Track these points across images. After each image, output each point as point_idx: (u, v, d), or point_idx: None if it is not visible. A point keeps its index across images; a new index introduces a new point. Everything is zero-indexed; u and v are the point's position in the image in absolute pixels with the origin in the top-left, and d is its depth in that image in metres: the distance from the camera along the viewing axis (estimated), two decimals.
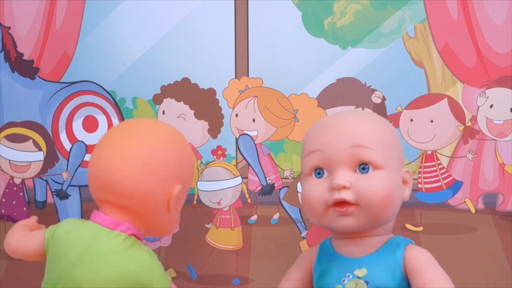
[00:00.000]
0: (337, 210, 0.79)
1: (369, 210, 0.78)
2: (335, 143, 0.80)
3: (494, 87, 1.05)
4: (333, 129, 0.82)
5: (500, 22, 1.03)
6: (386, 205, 0.79)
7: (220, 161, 1.10)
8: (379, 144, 0.80)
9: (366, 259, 0.81)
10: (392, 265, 0.79)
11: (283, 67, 1.07)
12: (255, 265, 1.12)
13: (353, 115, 0.89)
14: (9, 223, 1.14)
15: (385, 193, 0.78)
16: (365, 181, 0.78)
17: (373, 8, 1.05)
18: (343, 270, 0.81)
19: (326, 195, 0.80)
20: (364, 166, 0.79)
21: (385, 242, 0.82)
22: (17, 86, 1.10)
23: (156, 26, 1.08)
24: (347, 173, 0.79)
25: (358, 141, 0.79)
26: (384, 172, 0.79)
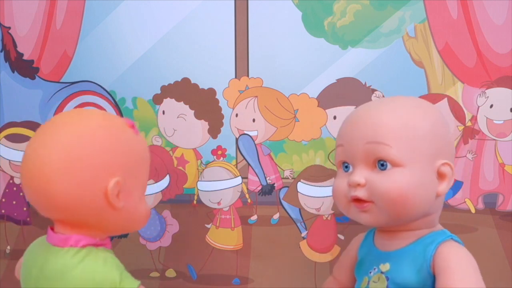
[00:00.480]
0: (356, 206, 0.79)
1: (383, 208, 0.76)
2: (353, 140, 0.79)
3: (494, 87, 1.05)
4: (352, 123, 0.81)
5: (500, 22, 1.03)
6: (400, 204, 0.75)
7: (220, 161, 1.10)
8: (398, 139, 0.76)
9: (392, 254, 0.79)
10: (419, 263, 0.75)
11: (283, 67, 1.07)
12: (255, 265, 1.12)
13: (377, 106, 0.82)
14: (9, 223, 1.14)
15: (398, 192, 0.75)
16: (380, 178, 0.76)
17: (373, 8, 1.05)
18: (373, 262, 0.81)
19: (347, 190, 0.80)
20: (383, 162, 0.76)
21: (420, 237, 0.79)
22: (17, 86, 1.10)
23: (156, 26, 1.08)
24: (364, 170, 0.77)
25: (373, 137, 0.77)
26: (403, 169, 0.75)
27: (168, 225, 1.12)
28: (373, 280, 0.80)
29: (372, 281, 0.80)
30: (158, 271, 1.13)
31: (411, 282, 0.75)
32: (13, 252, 1.14)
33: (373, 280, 0.79)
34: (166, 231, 1.12)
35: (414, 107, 0.81)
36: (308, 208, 1.10)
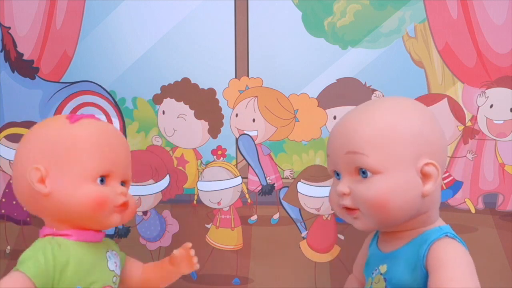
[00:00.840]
0: (347, 213, 0.81)
1: (368, 215, 0.78)
2: (334, 150, 0.81)
3: (494, 87, 1.05)
4: (333, 134, 0.82)
5: (500, 22, 1.03)
6: (382, 210, 0.76)
7: (220, 161, 1.10)
8: (374, 147, 0.77)
9: (389, 255, 0.80)
10: (412, 263, 0.76)
11: (283, 67, 1.07)
12: (255, 265, 1.12)
13: (354, 115, 0.82)
14: (9, 223, 1.14)
15: (378, 199, 0.76)
16: (362, 187, 0.77)
17: (373, 8, 1.05)
18: (375, 263, 0.83)
19: (338, 198, 0.82)
20: (364, 170, 0.77)
21: (415, 237, 0.79)
22: (17, 86, 1.10)
23: (156, 26, 1.08)
24: (350, 179, 0.79)
25: (350, 147, 0.78)
26: (382, 176, 0.76)
27: (168, 225, 1.12)
28: (374, 282, 0.81)
29: (374, 282, 0.81)
30: None
31: (407, 282, 0.76)
32: (13, 252, 1.14)
33: (375, 281, 0.81)
34: (166, 231, 1.12)
35: (391, 111, 0.80)
36: (308, 208, 1.10)
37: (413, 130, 0.77)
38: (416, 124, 0.78)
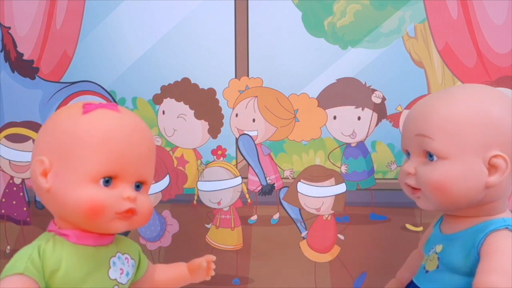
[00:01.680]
0: (411, 192, 0.84)
1: (429, 197, 0.81)
2: (406, 131, 0.85)
3: (494, 87, 1.05)
4: (408, 115, 0.85)
5: (500, 22, 1.03)
6: (440, 194, 0.79)
7: (220, 161, 1.10)
8: (441, 132, 0.78)
9: (448, 237, 0.82)
10: (468, 248, 0.77)
11: (283, 67, 1.07)
12: (255, 265, 1.12)
13: (431, 99, 0.84)
14: (9, 223, 1.14)
15: (437, 183, 0.78)
16: (425, 169, 0.80)
17: (373, 8, 1.05)
18: (433, 242, 0.85)
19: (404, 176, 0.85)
20: (431, 154, 0.79)
21: (476, 224, 0.80)
22: (17, 86, 1.10)
23: (156, 26, 1.08)
24: (417, 160, 0.82)
25: (419, 130, 0.81)
26: (447, 162, 0.78)
27: (168, 225, 1.12)
28: (429, 259, 0.83)
29: (429, 259, 0.83)
30: None
31: (459, 265, 0.78)
32: (13, 252, 1.14)
33: (430, 259, 0.83)
34: (166, 231, 1.12)
35: (467, 97, 0.80)
36: (308, 208, 1.10)
37: (485, 119, 0.78)
38: (491, 113, 0.78)
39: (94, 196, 0.73)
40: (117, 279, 0.78)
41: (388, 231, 1.08)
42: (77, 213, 0.74)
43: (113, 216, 0.75)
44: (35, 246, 0.74)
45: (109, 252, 0.79)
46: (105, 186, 0.74)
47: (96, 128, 0.75)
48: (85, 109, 0.76)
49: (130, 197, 0.75)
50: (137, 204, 0.76)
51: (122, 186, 0.75)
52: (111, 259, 0.78)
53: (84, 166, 0.74)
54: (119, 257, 0.80)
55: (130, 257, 0.82)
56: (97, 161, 0.74)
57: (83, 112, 0.76)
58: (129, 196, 0.75)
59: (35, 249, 0.73)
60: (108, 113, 0.77)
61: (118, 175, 0.75)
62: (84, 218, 0.74)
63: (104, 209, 0.73)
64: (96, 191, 0.73)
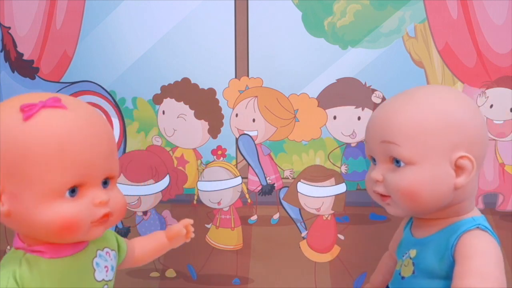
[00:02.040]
0: (379, 198, 0.83)
1: (398, 203, 0.80)
2: (370, 138, 0.83)
3: (494, 87, 1.05)
4: (370, 121, 0.83)
5: (500, 22, 1.03)
6: (411, 200, 0.78)
7: (220, 161, 1.10)
8: (407, 137, 0.77)
9: (420, 241, 0.81)
10: (441, 251, 0.77)
11: (283, 67, 1.07)
12: (255, 265, 1.12)
13: (390, 103, 0.82)
14: None
15: (408, 189, 0.77)
16: (394, 176, 0.79)
17: (373, 8, 1.05)
18: (406, 247, 0.84)
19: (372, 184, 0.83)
20: (397, 160, 0.78)
21: (447, 225, 0.79)
22: (17, 86, 1.10)
23: (156, 26, 1.08)
24: (383, 166, 0.80)
25: (384, 136, 0.79)
26: (414, 167, 0.77)
27: (168, 225, 1.12)
28: (404, 264, 0.83)
29: (404, 265, 0.83)
30: (158, 271, 1.13)
31: (434, 269, 0.77)
32: None
33: (404, 264, 0.82)
34: None
35: (427, 100, 0.79)
36: (308, 208, 1.10)
37: (448, 121, 0.76)
38: (453, 114, 0.77)
39: (63, 214, 0.65)
40: (104, 279, 0.74)
41: (388, 231, 1.08)
42: (49, 233, 0.66)
43: (89, 226, 0.67)
44: (9, 273, 0.66)
45: (89, 255, 0.73)
46: (72, 197, 0.66)
47: (48, 136, 0.64)
48: (26, 114, 0.64)
49: (102, 202, 0.67)
50: (110, 205, 0.69)
51: (90, 192, 0.67)
52: (93, 261, 0.73)
53: (43, 181, 0.64)
54: (100, 256, 0.74)
55: (110, 249, 0.77)
56: (57, 173, 0.64)
57: (24, 118, 0.64)
58: (101, 201, 0.67)
59: (10, 277, 0.66)
60: (55, 114, 0.65)
61: (84, 182, 0.66)
62: (58, 237, 0.67)
63: (78, 224, 0.66)
64: (65, 206, 0.65)
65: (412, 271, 0.80)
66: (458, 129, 0.76)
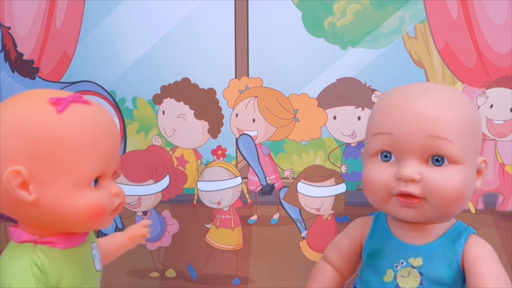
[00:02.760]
0: (401, 201, 0.75)
1: (437, 206, 0.74)
2: (410, 131, 0.73)
3: (494, 87, 1.05)
4: (409, 112, 0.74)
5: (500, 22, 1.03)
6: (457, 202, 0.73)
7: (220, 161, 1.10)
8: (460, 135, 0.72)
9: (423, 248, 0.77)
10: (449, 257, 0.75)
11: (283, 67, 1.07)
12: (255, 265, 1.12)
13: (434, 94, 0.76)
14: (9, 223, 1.14)
15: (458, 191, 0.72)
16: (437, 175, 0.72)
17: (373, 8, 1.05)
18: (397, 255, 0.78)
19: (392, 183, 0.75)
20: (439, 158, 0.72)
21: (446, 230, 0.77)
22: (17, 86, 1.10)
23: (156, 26, 1.08)
24: (418, 164, 0.73)
25: (436, 131, 0.72)
26: (460, 167, 0.73)
27: (168, 225, 1.12)
28: (401, 275, 0.77)
29: (401, 275, 0.77)
30: (158, 271, 1.13)
31: (444, 277, 0.75)
32: None
33: (402, 275, 0.77)
34: (166, 231, 1.12)
35: (465, 100, 0.77)
36: (308, 208, 1.10)
37: (478, 123, 0.77)
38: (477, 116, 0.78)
39: (96, 201, 0.70)
40: (100, 270, 0.79)
41: None
42: (78, 220, 0.70)
43: (109, 215, 0.73)
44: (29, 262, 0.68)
45: (88, 247, 0.76)
46: (95, 187, 0.71)
47: (83, 127, 0.69)
48: (59, 107, 0.68)
49: (118, 192, 0.73)
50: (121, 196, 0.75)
51: (107, 183, 0.72)
52: (91, 252, 0.77)
53: (76, 170, 0.68)
54: (93, 247, 0.78)
55: (96, 243, 0.80)
56: (89, 164, 0.69)
57: (58, 110, 0.68)
58: (117, 192, 0.73)
59: (32, 266, 0.68)
60: (84, 109, 0.70)
61: (104, 173, 0.72)
62: (86, 224, 0.71)
63: (105, 211, 0.71)
64: (93, 194, 0.70)
65: (419, 281, 0.76)
66: (480, 132, 0.77)
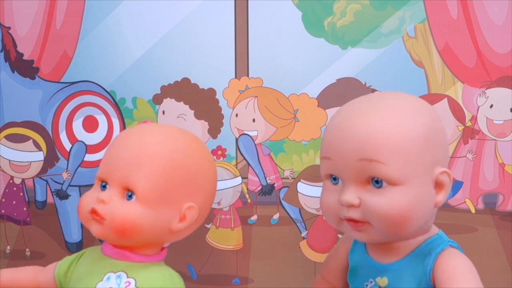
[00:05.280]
0: (350, 225, 0.72)
1: (381, 229, 0.70)
2: (341, 154, 0.70)
3: (494, 87, 1.05)
4: (341, 134, 0.70)
5: (500, 22, 1.03)
6: (401, 225, 0.69)
7: (220, 161, 1.10)
8: (393, 154, 0.67)
9: (390, 267, 0.73)
10: (418, 276, 0.71)
11: (283, 67, 1.07)
12: (255, 265, 1.12)
13: (368, 112, 0.70)
14: (9, 223, 1.14)
15: (399, 214, 0.68)
16: (376, 199, 0.68)
17: (373, 8, 1.05)
18: (368, 274, 0.76)
19: (339, 207, 0.72)
20: (378, 180, 0.68)
21: (417, 246, 0.73)
22: (17, 86, 1.10)
23: (156, 26, 1.08)
24: (357, 188, 0.70)
25: (365, 154, 0.68)
26: (401, 187, 0.68)
27: None
28: None
29: None
30: None
31: None
32: (13, 252, 1.14)
33: None
34: None
35: (405, 108, 0.71)
36: (308, 208, 1.10)
37: (429, 134, 0.70)
38: (433, 126, 0.71)
39: (83, 197, 0.78)
40: None
41: None
42: None
43: (88, 216, 0.76)
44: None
45: (112, 266, 0.77)
46: (102, 190, 0.76)
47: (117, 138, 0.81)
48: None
49: (99, 198, 0.74)
50: (106, 209, 0.74)
51: (111, 191, 0.75)
52: (108, 273, 0.76)
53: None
54: (118, 276, 0.76)
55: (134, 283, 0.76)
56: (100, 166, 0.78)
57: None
58: (98, 197, 0.74)
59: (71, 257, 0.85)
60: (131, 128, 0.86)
61: (107, 179, 0.76)
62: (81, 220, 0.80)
63: (81, 207, 0.77)
64: (88, 192, 0.78)
65: None
66: (434, 142, 0.70)
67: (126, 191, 0.74)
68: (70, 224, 1.13)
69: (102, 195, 0.74)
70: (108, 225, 0.74)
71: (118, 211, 0.74)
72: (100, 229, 0.75)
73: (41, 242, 1.14)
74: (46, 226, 1.14)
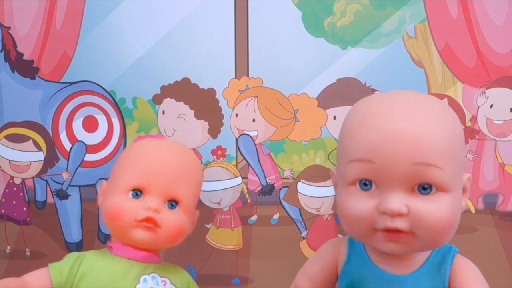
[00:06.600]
0: (387, 236, 0.65)
1: (426, 239, 0.65)
2: (392, 157, 0.63)
3: (494, 87, 1.05)
4: (393, 137, 0.64)
5: (500, 22, 1.03)
6: (447, 233, 0.65)
7: (220, 161, 1.10)
8: (451, 159, 0.64)
9: (408, 279, 0.69)
10: (436, 284, 0.69)
11: (283, 67, 1.07)
12: (255, 265, 1.12)
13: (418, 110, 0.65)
14: (9, 223, 1.14)
15: (448, 222, 0.64)
16: (425, 206, 0.63)
17: (373, 8, 1.05)
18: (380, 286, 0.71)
19: (374, 216, 0.65)
20: (426, 185, 0.63)
21: (430, 254, 0.70)
22: (17, 86, 1.10)
23: (156, 26, 1.08)
24: (403, 195, 0.64)
25: (424, 157, 0.62)
26: (449, 194, 0.64)
27: None
28: None
29: None
30: None
31: None
32: (13, 252, 1.14)
33: None
34: None
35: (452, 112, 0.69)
36: (308, 208, 1.10)
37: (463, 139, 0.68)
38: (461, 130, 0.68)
39: (117, 203, 0.80)
40: None
41: None
42: (105, 219, 0.82)
43: (133, 224, 0.79)
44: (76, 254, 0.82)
45: (142, 269, 0.81)
46: (134, 198, 0.80)
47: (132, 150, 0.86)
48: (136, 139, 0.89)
49: (151, 207, 0.79)
50: (161, 218, 0.79)
51: (150, 199, 0.80)
52: (142, 275, 0.81)
53: (118, 180, 0.82)
54: (153, 277, 0.81)
55: (169, 282, 0.83)
56: (126, 174, 0.81)
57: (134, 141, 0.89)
58: (150, 206, 0.79)
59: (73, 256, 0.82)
60: (149, 140, 0.87)
61: (146, 188, 0.80)
62: (108, 223, 0.82)
63: (121, 214, 0.79)
64: (120, 198, 0.80)
65: None
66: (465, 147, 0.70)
67: (167, 201, 0.81)
68: (70, 224, 1.13)
69: (152, 204, 0.79)
70: (162, 232, 0.80)
71: (173, 220, 0.81)
72: (150, 236, 0.79)
73: (41, 242, 1.14)
74: (46, 226, 1.14)
